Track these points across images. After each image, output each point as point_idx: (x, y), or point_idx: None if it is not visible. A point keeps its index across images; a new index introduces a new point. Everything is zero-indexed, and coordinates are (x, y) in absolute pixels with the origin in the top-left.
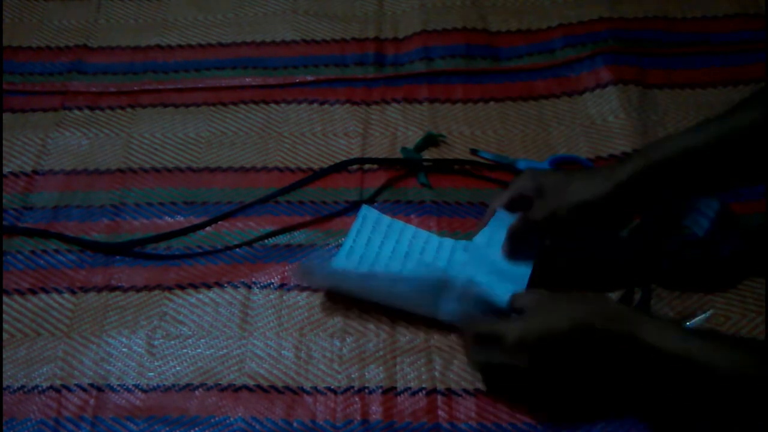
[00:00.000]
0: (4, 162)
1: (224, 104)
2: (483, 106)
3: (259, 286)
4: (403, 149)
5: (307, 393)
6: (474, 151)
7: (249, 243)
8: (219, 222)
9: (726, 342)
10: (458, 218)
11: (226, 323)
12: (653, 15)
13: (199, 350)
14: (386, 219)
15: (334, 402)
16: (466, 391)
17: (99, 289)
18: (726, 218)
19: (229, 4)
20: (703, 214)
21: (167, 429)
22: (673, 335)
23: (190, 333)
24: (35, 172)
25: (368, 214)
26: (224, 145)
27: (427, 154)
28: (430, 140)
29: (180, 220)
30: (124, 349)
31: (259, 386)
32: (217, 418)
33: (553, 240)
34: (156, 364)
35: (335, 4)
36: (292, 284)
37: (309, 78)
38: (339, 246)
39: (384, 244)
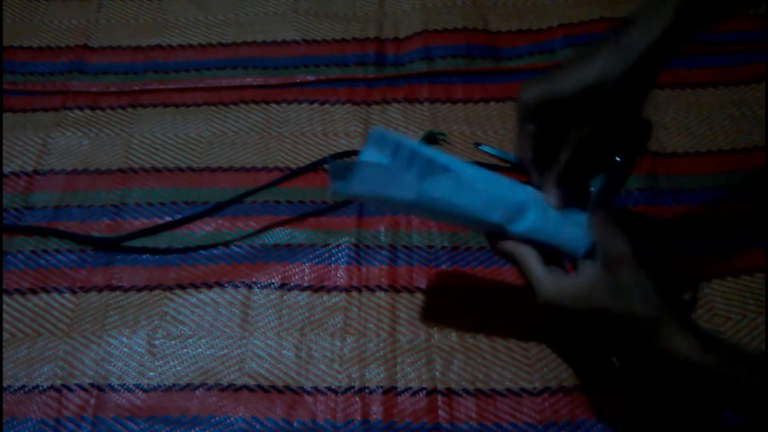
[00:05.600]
0: (4, 162)
1: (225, 104)
2: (484, 106)
3: (259, 285)
4: None
5: (308, 393)
6: (477, 145)
7: (243, 238)
8: (219, 221)
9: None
10: None
11: (227, 323)
12: None
13: (200, 350)
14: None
15: (334, 402)
16: (466, 391)
17: (100, 289)
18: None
19: (229, 4)
20: None
21: (168, 429)
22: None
23: (190, 333)
24: (36, 171)
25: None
26: (225, 145)
27: None
28: (431, 138)
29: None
30: (124, 349)
31: (259, 386)
32: (217, 418)
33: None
34: (157, 363)
35: (336, 4)
36: (292, 284)
37: (310, 78)
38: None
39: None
